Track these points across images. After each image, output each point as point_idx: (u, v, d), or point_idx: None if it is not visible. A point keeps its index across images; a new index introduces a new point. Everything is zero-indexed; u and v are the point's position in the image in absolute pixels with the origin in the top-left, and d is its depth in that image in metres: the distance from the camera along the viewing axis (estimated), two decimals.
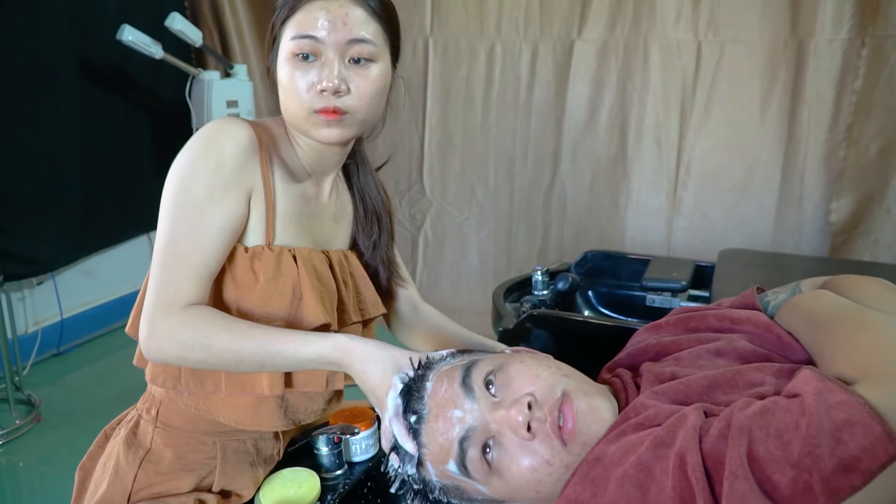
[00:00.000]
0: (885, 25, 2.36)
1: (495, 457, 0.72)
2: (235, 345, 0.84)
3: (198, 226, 0.85)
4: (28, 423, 2.49)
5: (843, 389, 0.57)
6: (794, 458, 0.55)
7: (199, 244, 0.85)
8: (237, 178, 0.88)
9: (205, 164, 0.86)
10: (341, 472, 1.07)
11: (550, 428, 0.71)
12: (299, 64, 0.88)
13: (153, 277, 0.86)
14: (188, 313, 0.84)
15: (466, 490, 0.76)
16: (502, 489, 0.74)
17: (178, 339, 0.83)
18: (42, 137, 2.74)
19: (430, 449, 0.76)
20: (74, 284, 3.07)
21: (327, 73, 0.87)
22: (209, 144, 0.87)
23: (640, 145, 2.84)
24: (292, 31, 0.88)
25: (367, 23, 0.89)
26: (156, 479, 0.96)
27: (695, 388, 0.72)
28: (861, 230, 2.56)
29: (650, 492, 0.61)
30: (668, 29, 2.68)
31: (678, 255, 2.76)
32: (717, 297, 1.81)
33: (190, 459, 0.98)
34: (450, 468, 0.74)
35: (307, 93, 0.88)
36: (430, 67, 3.14)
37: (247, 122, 0.92)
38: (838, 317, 0.71)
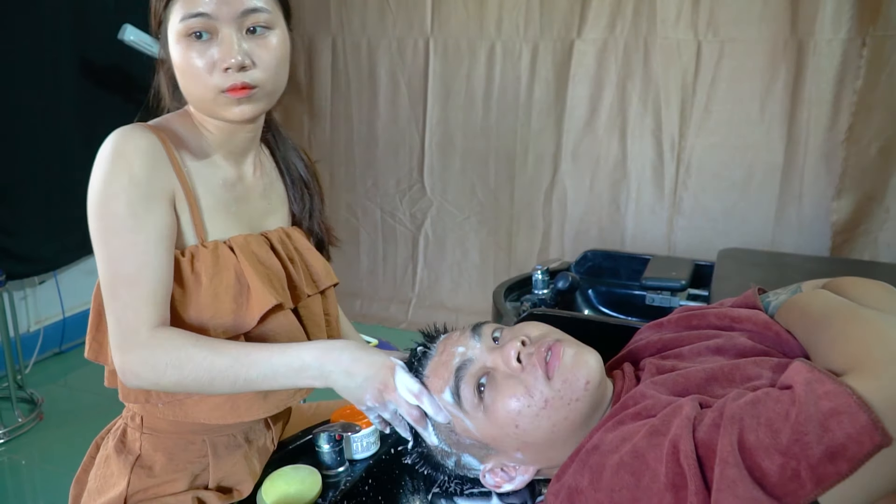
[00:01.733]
0: (885, 25, 2.36)
1: (486, 393, 0.77)
2: (207, 361, 0.82)
3: (133, 245, 0.83)
4: (30, 422, 2.50)
5: (832, 380, 0.58)
6: (782, 445, 0.56)
7: (141, 264, 0.83)
8: (154, 188, 0.85)
9: (118, 182, 0.83)
10: (343, 470, 1.08)
11: (537, 359, 0.76)
12: (194, 44, 0.84)
13: (109, 308, 0.85)
14: (156, 337, 0.83)
15: (457, 431, 0.80)
16: (486, 427, 0.78)
17: (151, 364, 0.82)
18: (43, 136, 2.74)
19: (429, 379, 0.81)
20: (76, 283, 3.08)
21: (227, 50, 0.83)
22: (116, 161, 0.84)
23: (640, 145, 2.85)
24: (180, 11, 0.84)
25: None
26: (149, 482, 0.96)
27: (693, 380, 0.73)
28: (861, 229, 2.57)
29: (644, 478, 0.62)
30: (668, 29, 2.68)
31: (678, 254, 2.76)
32: (716, 296, 1.81)
33: (181, 460, 0.98)
34: (445, 396, 0.79)
35: (210, 73, 0.84)
36: (430, 67, 3.14)
37: (145, 126, 0.89)
38: (833, 313, 0.72)
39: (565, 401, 0.74)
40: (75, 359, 3.05)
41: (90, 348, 0.94)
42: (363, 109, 3.31)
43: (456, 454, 0.83)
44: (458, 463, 0.85)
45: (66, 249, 2.97)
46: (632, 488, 0.63)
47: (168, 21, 0.86)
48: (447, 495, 0.89)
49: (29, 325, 2.92)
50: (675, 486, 0.60)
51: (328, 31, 3.29)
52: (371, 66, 3.26)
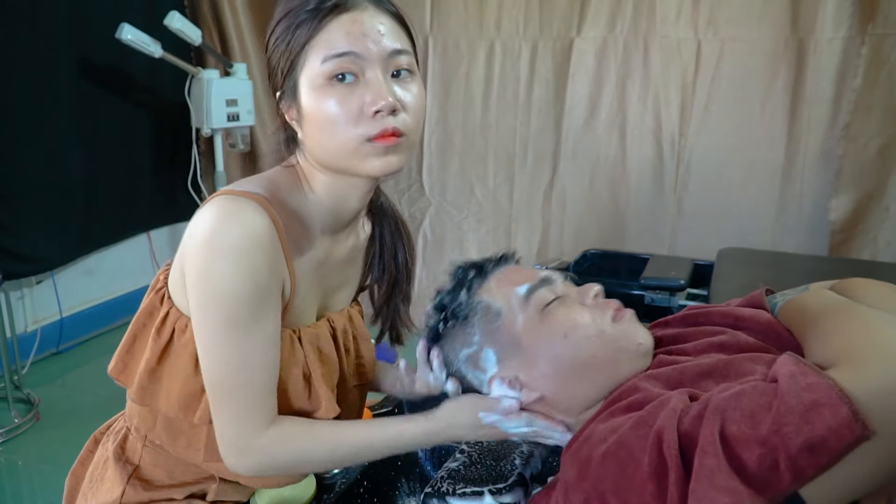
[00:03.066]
0: (884, 24, 2.35)
1: (555, 305, 0.81)
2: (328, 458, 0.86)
3: (252, 349, 0.79)
4: (27, 422, 2.49)
5: (816, 372, 0.58)
6: (762, 436, 0.56)
7: (259, 367, 0.80)
8: (274, 288, 0.80)
9: (243, 288, 0.77)
10: (338, 472, 1.07)
11: (611, 304, 0.83)
12: (336, 88, 0.77)
13: (220, 410, 0.82)
14: (274, 442, 0.82)
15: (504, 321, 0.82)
16: (535, 329, 0.81)
17: (269, 466, 0.84)
18: (41, 136, 2.74)
19: (505, 276, 0.86)
20: (74, 283, 3.07)
21: (377, 91, 0.76)
22: (241, 262, 0.76)
23: (640, 144, 2.84)
24: (321, 52, 0.77)
25: (400, 32, 0.81)
26: (144, 496, 0.94)
27: (688, 374, 0.74)
28: (860, 229, 2.56)
29: (628, 467, 0.63)
30: (668, 27, 2.68)
31: (678, 253, 2.75)
32: (715, 295, 1.80)
33: (180, 479, 0.96)
34: (519, 290, 0.83)
35: (355, 120, 0.76)
36: (429, 66, 3.14)
37: (256, 200, 0.79)
38: (827, 310, 0.73)
39: (615, 346, 0.79)
40: (72, 359, 3.04)
41: (115, 367, 0.92)
42: None
43: (479, 345, 0.84)
44: (472, 356, 0.84)
45: (64, 249, 2.96)
46: (616, 477, 0.63)
47: (302, 66, 0.79)
48: (439, 495, 0.88)
49: (26, 325, 2.91)
50: (657, 475, 0.61)
51: None
52: None
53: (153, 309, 0.88)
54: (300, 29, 0.78)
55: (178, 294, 0.86)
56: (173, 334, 0.86)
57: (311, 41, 0.77)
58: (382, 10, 0.80)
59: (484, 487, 0.87)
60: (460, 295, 0.86)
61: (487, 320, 0.83)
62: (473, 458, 0.95)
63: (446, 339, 0.87)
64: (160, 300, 0.88)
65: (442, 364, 0.88)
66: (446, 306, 0.87)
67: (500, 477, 0.90)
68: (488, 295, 0.85)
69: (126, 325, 0.93)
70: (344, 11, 0.77)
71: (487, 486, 0.87)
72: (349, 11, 0.77)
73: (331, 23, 0.77)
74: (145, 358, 0.87)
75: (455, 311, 0.86)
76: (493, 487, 0.87)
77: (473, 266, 0.89)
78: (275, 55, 0.81)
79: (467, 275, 0.88)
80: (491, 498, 0.86)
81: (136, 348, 0.90)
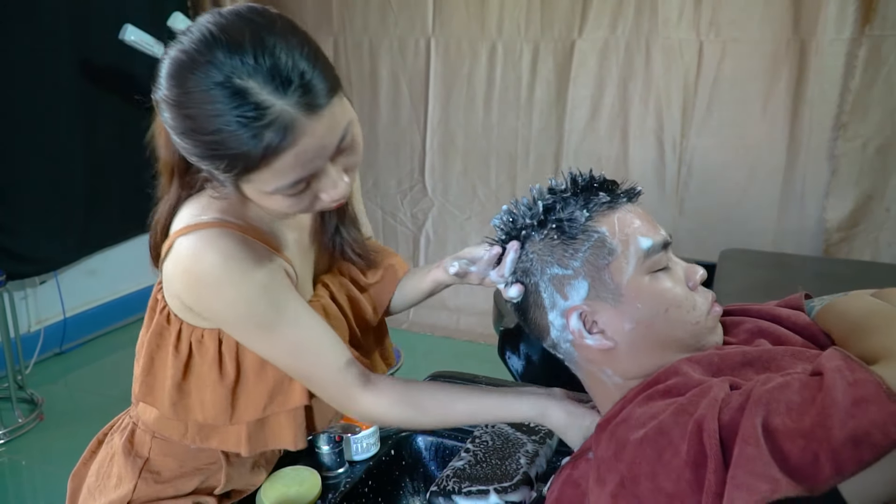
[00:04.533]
0: (882, 25, 2.35)
1: (664, 275, 0.79)
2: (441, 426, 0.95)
3: (296, 335, 0.85)
4: (31, 422, 2.50)
5: (863, 368, 0.58)
6: (805, 428, 0.56)
7: (313, 342, 0.86)
8: (278, 279, 0.85)
9: (249, 298, 0.82)
10: (342, 471, 1.08)
11: (710, 296, 0.81)
12: (288, 198, 0.77)
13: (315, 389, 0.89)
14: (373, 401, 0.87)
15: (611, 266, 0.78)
16: (640, 287, 0.77)
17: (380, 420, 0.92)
18: (44, 136, 2.74)
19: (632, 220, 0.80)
20: (77, 283, 3.08)
21: (330, 188, 0.78)
22: (232, 281, 0.80)
23: (642, 145, 2.84)
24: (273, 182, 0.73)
25: (338, 112, 0.74)
26: (156, 488, 0.96)
27: (728, 362, 0.73)
28: (860, 229, 2.56)
29: (665, 453, 0.63)
30: (669, 29, 2.68)
31: (680, 254, 2.73)
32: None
33: (191, 467, 0.97)
34: (642, 241, 0.78)
35: (312, 205, 0.79)
36: (431, 67, 3.14)
37: (211, 226, 0.81)
38: (871, 314, 0.73)
39: (701, 337, 0.79)
40: (76, 359, 3.05)
41: (140, 390, 0.93)
42: (364, 109, 3.31)
43: (575, 272, 0.79)
44: (561, 278, 0.79)
45: (67, 249, 2.97)
46: (652, 462, 0.63)
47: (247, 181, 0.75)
48: (445, 494, 0.88)
49: (29, 326, 2.92)
50: (695, 463, 0.60)
51: (330, 31, 3.29)
52: (372, 66, 3.26)
53: (162, 329, 0.90)
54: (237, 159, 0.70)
55: (184, 313, 0.88)
56: (191, 347, 0.88)
57: (254, 172, 0.72)
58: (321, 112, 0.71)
59: (489, 486, 0.87)
60: (577, 211, 0.79)
61: (597, 253, 0.78)
62: (479, 456, 0.96)
63: (534, 245, 0.81)
64: (166, 320, 0.89)
65: (514, 264, 0.83)
66: (554, 212, 0.80)
67: (505, 476, 0.90)
68: (609, 228, 0.79)
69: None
70: (289, 147, 0.70)
71: (493, 485, 0.88)
72: (293, 146, 0.70)
73: (275, 161, 0.71)
74: (170, 375, 0.89)
75: (563, 224, 0.79)
76: (499, 486, 0.88)
77: (602, 186, 0.82)
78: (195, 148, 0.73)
79: (593, 195, 0.81)
80: (496, 497, 0.87)
81: (157, 369, 0.91)
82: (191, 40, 0.71)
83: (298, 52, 0.70)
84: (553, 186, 0.82)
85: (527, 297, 0.82)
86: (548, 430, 0.99)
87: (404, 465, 1.17)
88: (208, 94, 0.68)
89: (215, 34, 0.69)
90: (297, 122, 0.69)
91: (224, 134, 0.69)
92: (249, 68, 0.68)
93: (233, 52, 0.68)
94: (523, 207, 0.83)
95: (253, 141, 0.68)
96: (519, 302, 0.83)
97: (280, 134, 0.69)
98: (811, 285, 0.92)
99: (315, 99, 0.70)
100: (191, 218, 0.82)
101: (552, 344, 0.83)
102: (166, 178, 0.85)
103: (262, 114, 0.68)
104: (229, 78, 0.68)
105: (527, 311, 0.83)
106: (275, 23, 0.71)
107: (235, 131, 0.68)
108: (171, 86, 0.71)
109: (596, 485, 0.68)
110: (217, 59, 0.68)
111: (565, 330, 0.79)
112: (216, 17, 0.71)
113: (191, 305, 0.85)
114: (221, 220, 0.82)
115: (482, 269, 0.91)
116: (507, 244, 0.83)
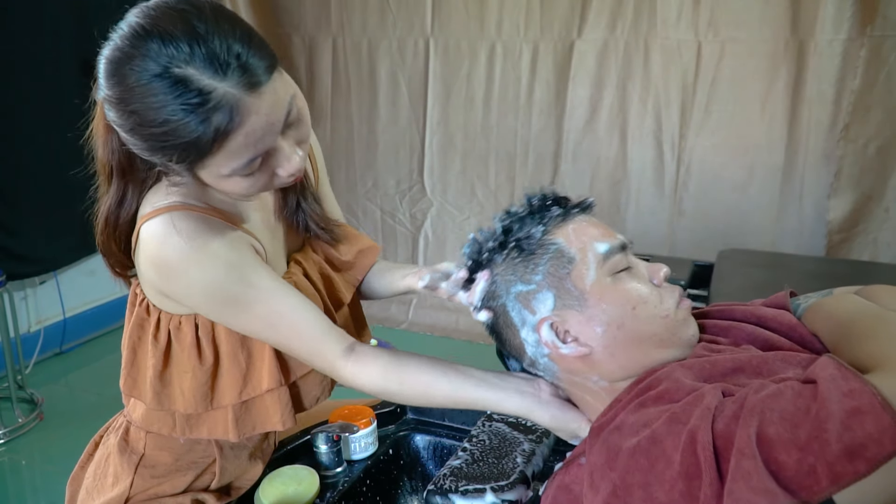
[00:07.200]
0: (883, 25, 2.35)
1: (626, 275, 0.80)
2: (423, 403, 0.89)
3: (269, 309, 0.84)
4: (30, 422, 2.50)
5: (858, 378, 0.58)
6: (801, 440, 0.56)
7: (288, 314, 0.85)
8: (245, 254, 0.84)
9: (218, 275, 0.82)
10: (341, 470, 1.08)
11: (676, 290, 0.82)
12: (245, 179, 0.77)
13: (300, 357, 0.88)
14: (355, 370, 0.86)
15: (573, 275, 0.80)
16: (603, 290, 0.79)
17: (363, 389, 0.87)
18: (44, 137, 2.74)
19: (587, 228, 0.83)
20: (77, 283, 3.08)
21: (285, 161, 0.78)
22: (198, 260, 0.80)
23: (641, 145, 2.84)
24: (228, 164, 0.74)
25: (279, 85, 0.75)
26: (153, 482, 0.96)
27: (720, 368, 0.73)
28: (860, 229, 2.56)
29: (658, 463, 0.63)
30: (668, 29, 2.68)
31: (679, 254, 2.76)
32: (715, 296, 1.81)
33: (186, 460, 0.98)
34: (599, 246, 0.80)
35: (271, 182, 0.80)
36: (430, 67, 3.15)
37: (171, 209, 0.81)
38: (860, 315, 0.72)
39: (673, 331, 0.79)
40: (75, 359, 3.05)
41: (125, 384, 0.93)
42: (363, 110, 3.32)
43: (539, 285, 0.80)
44: (526, 294, 0.81)
45: (67, 249, 2.97)
46: (645, 472, 0.63)
47: (201, 168, 0.76)
48: (442, 493, 0.89)
49: (29, 326, 2.92)
50: (688, 475, 0.61)
51: (329, 32, 3.29)
52: (371, 66, 3.26)
53: (142, 321, 0.90)
54: (188, 148, 0.71)
55: (160, 301, 0.88)
56: (170, 335, 0.89)
57: (207, 157, 0.73)
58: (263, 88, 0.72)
59: (486, 485, 0.88)
60: (533, 229, 0.82)
61: (556, 264, 0.80)
62: (476, 455, 0.96)
63: (498, 268, 0.84)
64: (146, 311, 0.90)
65: (484, 290, 0.85)
66: (512, 233, 0.83)
67: (502, 475, 0.91)
68: (565, 239, 0.81)
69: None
70: (237, 128, 0.70)
71: (490, 484, 0.88)
72: (242, 126, 0.71)
73: (226, 143, 0.71)
74: (151, 365, 0.89)
75: (521, 243, 0.82)
76: (496, 485, 0.88)
77: (556, 202, 0.85)
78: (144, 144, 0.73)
79: (547, 210, 0.84)
80: (493, 495, 0.87)
81: (139, 361, 0.92)
82: (122, 36, 0.72)
83: (231, 35, 0.71)
84: (510, 209, 0.85)
85: (497, 320, 0.85)
86: (545, 430, 1.00)
87: (402, 465, 1.18)
88: (149, 87, 0.68)
89: (146, 27, 0.70)
90: (241, 102, 0.70)
91: (171, 124, 0.69)
92: (185, 56, 0.68)
93: (166, 43, 0.68)
94: (487, 233, 0.86)
95: (201, 126, 0.69)
96: (492, 326, 0.86)
97: (227, 115, 0.69)
98: (810, 285, 0.92)
99: (255, 77, 0.71)
100: (151, 206, 0.83)
101: (531, 362, 0.84)
102: (104, 178, 0.87)
103: (207, 98, 0.68)
104: (167, 68, 0.68)
105: (501, 334, 0.86)
106: (203, 9, 0.72)
107: (182, 119, 0.68)
108: (111, 84, 0.72)
109: (589, 490, 0.69)
110: (152, 51, 0.69)
111: (540, 345, 0.81)
112: (144, 10, 0.73)
113: (163, 291, 0.84)
114: (182, 203, 0.83)
115: (450, 287, 0.93)
116: (473, 270, 0.86)
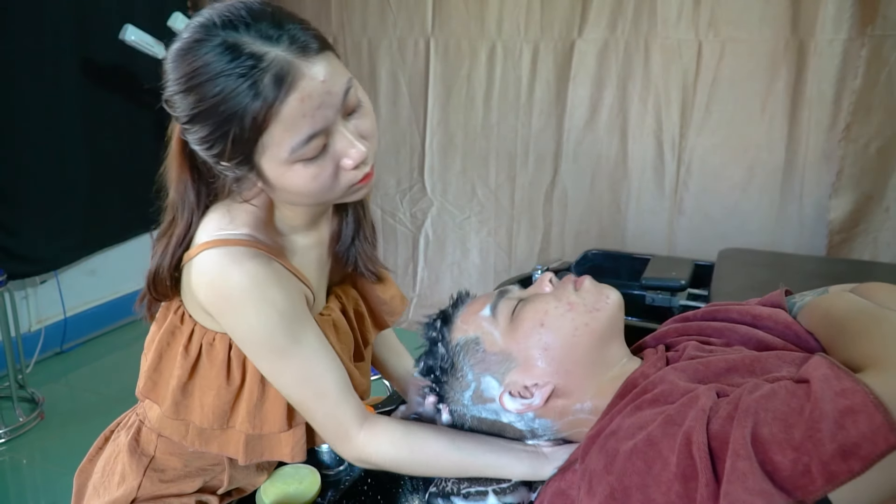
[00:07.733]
0: (884, 25, 2.35)
1: (520, 308, 0.85)
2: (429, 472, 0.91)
3: (306, 365, 0.85)
4: (31, 421, 2.51)
5: (850, 377, 0.58)
6: (795, 441, 0.56)
7: (320, 375, 0.86)
8: (298, 307, 0.85)
9: (270, 322, 0.82)
10: (342, 469, 1.08)
11: (567, 279, 0.87)
12: (308, 166, 0.76)
13: (313, 421, 0.89)
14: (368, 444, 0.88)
15: (484, 346, 0.86)
16: (513, 334, 0.84)
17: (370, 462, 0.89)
18: (45, 136, 2.75)
19: (469, 307, 0.90)
20: (77, 283, 3.08)
21: (350, 151, 0.76)
22: (256, 303, 0.81)
23: (641, 145, 2.85)
24: (283, 143, 0.73)
25: (335, 64, 0.76)
26: (161, 486, 0.96)
27: (713, 369, 0.74)
28: (860, 229, 2.56)
29: (655, 465, 0.63)
30: (668, 29, 2.68)
31: (679, 254, 2.76)
32: (716, 296, 1.81)
33: (195, 466, 0.98)
34: (483, 312, 0.88)
35: (333, 179, 0.78)
36: (431, 67, 3.15)
37: (244, 245, 0.82)
38: (856, 313, 0.72)
39: (588, 307, 0.82)
40: (76, 358, 3.06)
41: (145, 386, 0.93)
42: None
43: (476, 379, 0.86)
44: (476, 394, 0.87)
45: (67, 249, 2.98)
46: (642, 474, 0.64)
47: (258, 153, 0.75)
48: (444, 495, 0.89)
49: (30, 325, 2.92)
50: (684, 476, 0.61)
51: (329, 31, 3.29)
52: (372, 66, 3.26)
53: (174, 328, 0.90)
54: (245, 118, 0.71)
55: (199, 315, 0.88)
56: (201, 349, 0.89)
57: (265, 132, 0.73)
58: (315, 57, 0.73)
59: (488, 487, 0.88)
60: (438, 350, 0.89)
61: (470, 353, 0.86)
62: None
63: (447, 395, 0.90)
64: (180, 319, 0.90)
65: (450, 420, 0.91)
66: (433, 367, 0.90)
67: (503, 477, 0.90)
68: (461, 332, 0.88)
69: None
70: (291, 91, 0.71)
71: (491, 486, 0.88)
72: (295, 89, 0.71)
73: (282, 108, 0.71)
74: (176, 375, 0.89)
75: (442, 367, 0.89)
76: (497, 487, 0.88)
77: (437, 318, 0.92)
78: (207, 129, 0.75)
79: (435, 328, 0.91)
80: (495, 498, 0.87)
81: (164, 367, 0.92)
82: (187, 30, 0.76)
83: (286, 17, 0.74)
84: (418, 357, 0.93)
85: (482, 428, 0.89)
86: None
87: None
88: (206, 59, 0.72)
89: (209, 18, 0.74)
90: (292, 65, 0.71)
91: (227, 92, 0.71)
92: (242, 30, 0.72)
93: (225, 26, 0.72)
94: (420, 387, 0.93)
95: (254, 88, 0.70)
96: (488, 431, 0.90)
97: (279, 77, 0.70)
98: (810, 285, 0.91)
99: (306, 45, 0.73)
100: (218, 230, 0.83)
101: (531, 435, 0.87)
102: (170, 214, 0.88)
103: (258, 62, 0.70)
104: (224, 40, 0.71)
105: (496, 434, 0.89)
106: (266, 6, 0.75)
107: (236, 87, 0.70)
108: (175, 69, 0.77)
109: (586, 495, 0.69)
110: (211, 33, 0.72)
111: (520, 416, 0.85)
112: (207, 10, 0.76)
113: (210, 312, 0.85)
114: (250, 237, 0.83)
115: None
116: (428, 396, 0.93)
